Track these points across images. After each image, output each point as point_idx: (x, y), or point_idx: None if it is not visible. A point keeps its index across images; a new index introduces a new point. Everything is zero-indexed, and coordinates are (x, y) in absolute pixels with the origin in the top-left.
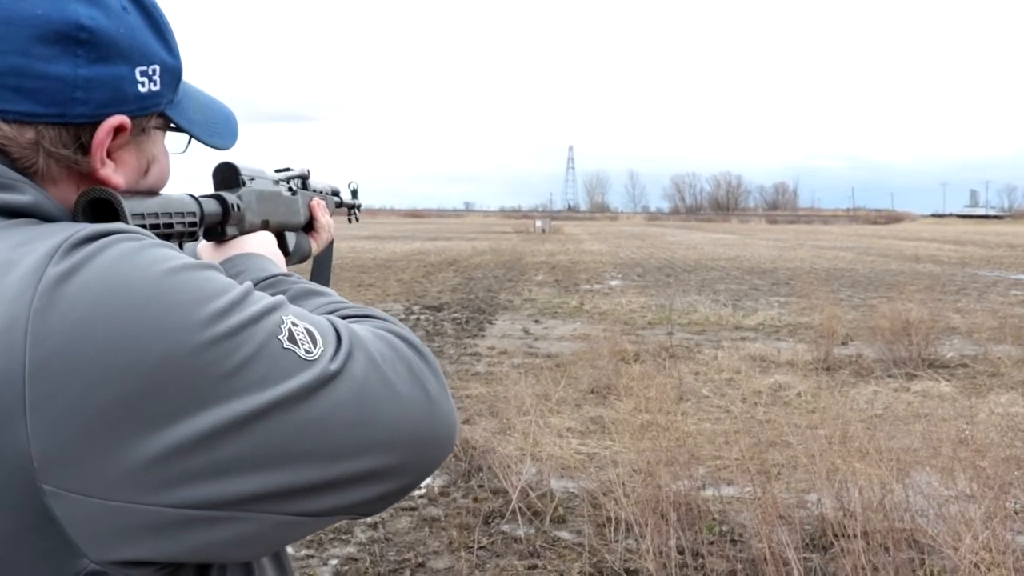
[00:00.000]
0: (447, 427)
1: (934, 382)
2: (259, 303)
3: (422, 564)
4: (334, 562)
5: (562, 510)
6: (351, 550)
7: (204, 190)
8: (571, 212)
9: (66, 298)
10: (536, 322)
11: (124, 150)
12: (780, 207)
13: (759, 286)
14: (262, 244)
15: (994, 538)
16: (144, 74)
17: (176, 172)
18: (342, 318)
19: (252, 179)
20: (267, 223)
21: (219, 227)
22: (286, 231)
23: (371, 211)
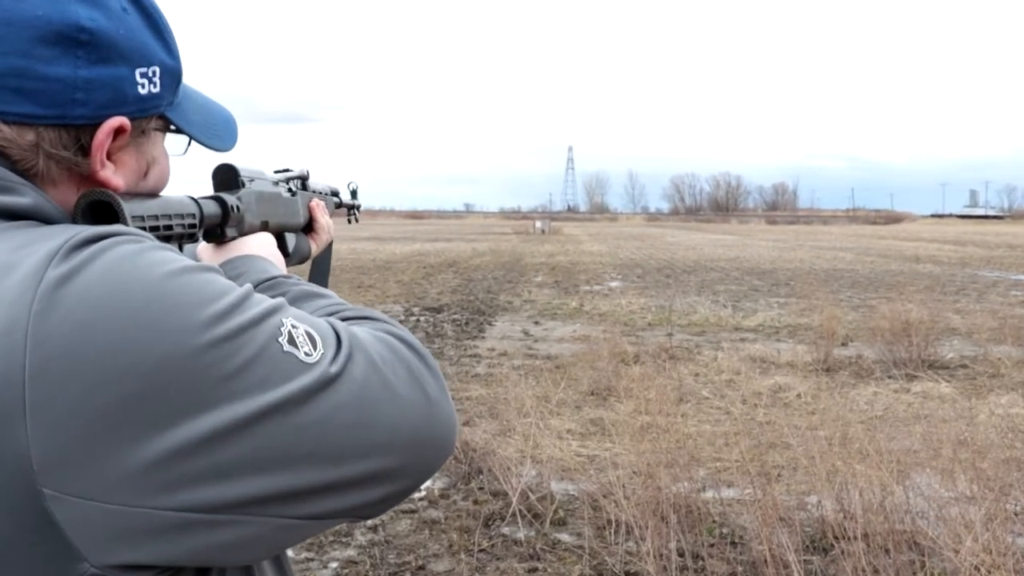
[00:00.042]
0: (447, 429)
1: (934, 383)
2: (259, 305)
3: (422, 567)
4: (334, 565)
5: (562, 512)
6: (351, 553)
7: (204, 191)
8: (571, 213)
9: (66, 301)
10: (536, 323)
11: (124, 152)
12: (780, 207)
13: (759, 287)
14: (262, 245)
15: (995, 540)
16: (144, 76)
17: (176, 173)
18: (342, 320)
19: (252, 180)
20: (267, 224)
21: (219, 229)
22: (286, 232)
23: (371, 212)
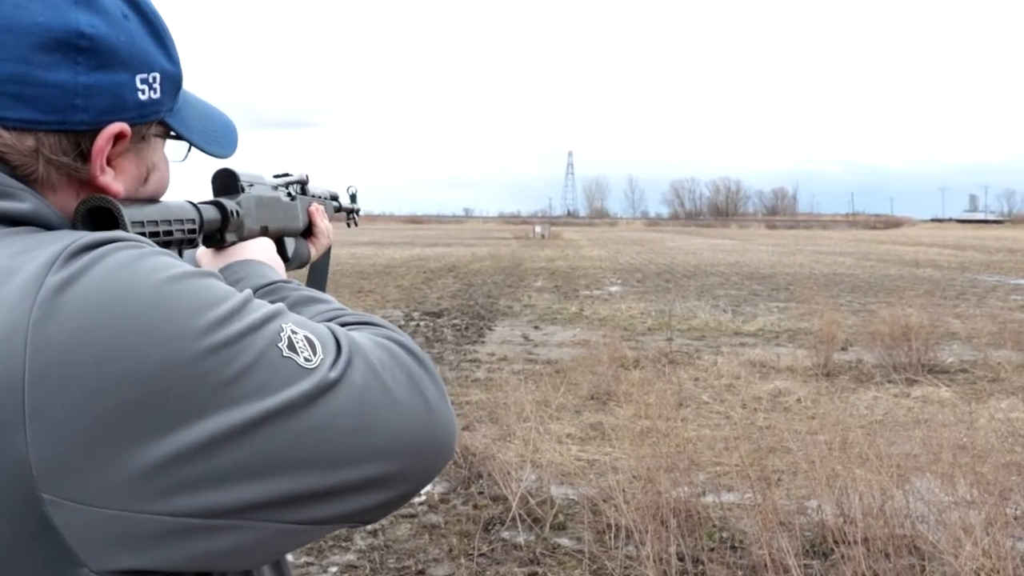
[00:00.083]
0: (446, 434)
1: (934, 387)
2: (259, 311)
3: (422, 571)
4: (334, 569)
5: (562, 517)
6: (351, 557)
7: (203, 196)
8: (570, 218)
9: (65, 307)
10: (536, 328)
11: (124, 157)
12: (779, 212)
13: (758, 291)
14: (261, 250)
15: (994, 544)
16: (144, 81)
17: (175, 178)
18: (341, 325)
19: (251, 185)
20: (266, 229)
21: (218, 234)
22: (285, 237)
23: (370, 217)
